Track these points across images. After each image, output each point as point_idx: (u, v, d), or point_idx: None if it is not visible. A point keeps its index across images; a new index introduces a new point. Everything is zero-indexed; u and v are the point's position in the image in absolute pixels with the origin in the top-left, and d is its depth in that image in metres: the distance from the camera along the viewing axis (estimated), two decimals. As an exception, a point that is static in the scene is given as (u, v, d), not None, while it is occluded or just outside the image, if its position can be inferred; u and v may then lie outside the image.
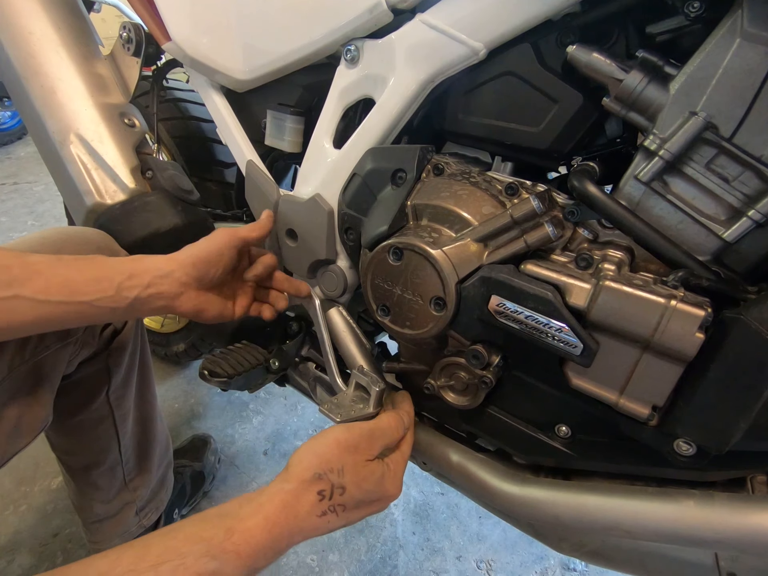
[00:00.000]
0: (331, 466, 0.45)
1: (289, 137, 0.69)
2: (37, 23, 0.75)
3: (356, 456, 0.47)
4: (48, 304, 0.48)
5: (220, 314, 0.59)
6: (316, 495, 0.43)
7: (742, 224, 0.41)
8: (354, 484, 0.46)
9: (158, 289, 0.53)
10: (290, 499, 0.43)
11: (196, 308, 0.56)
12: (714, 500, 0.42)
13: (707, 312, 0.39)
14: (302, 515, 0.43)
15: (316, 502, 0.43)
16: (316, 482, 0.44)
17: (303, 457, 0.46)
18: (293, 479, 0.44)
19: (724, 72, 0.39)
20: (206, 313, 0.58)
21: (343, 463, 0.46)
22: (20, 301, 0.47)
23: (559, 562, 1.05)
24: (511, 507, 0.54)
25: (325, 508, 0.44)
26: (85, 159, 0.75)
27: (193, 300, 0.55)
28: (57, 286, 0.49)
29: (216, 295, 0.59)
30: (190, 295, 0.55)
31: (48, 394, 0.63)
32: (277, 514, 0.42)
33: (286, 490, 0.43)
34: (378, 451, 0.50)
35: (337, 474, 0.45)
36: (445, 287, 0.49)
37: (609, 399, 0.45)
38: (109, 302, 0.51)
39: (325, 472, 0.44)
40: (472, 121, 0.55)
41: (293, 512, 0.42)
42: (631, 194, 0.45)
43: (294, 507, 0.42)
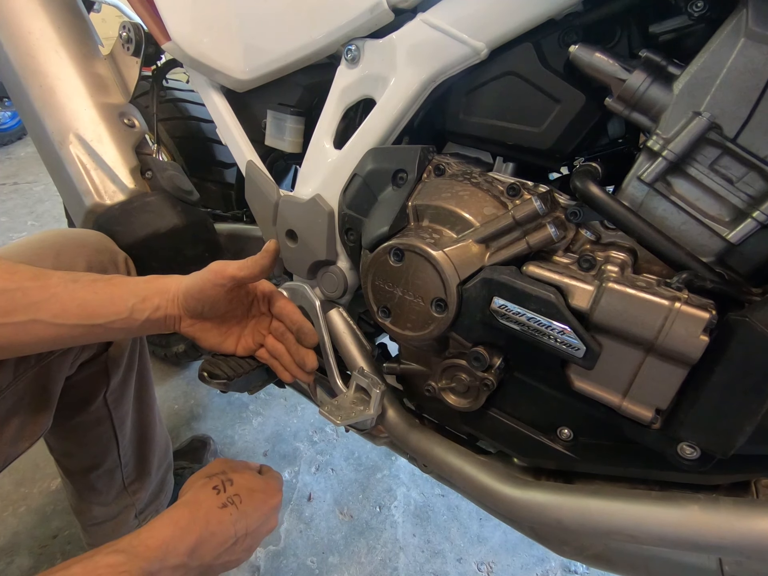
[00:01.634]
0: (215, 471, 0.53)
1: (290, 137, 0.69)
2: (37, 23, 0.75)
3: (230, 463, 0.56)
4: (63, 327, 0.50)
5: (216, 346, 0.60)
6: (212, 489, 0.50)
7: (747, 225, 0.40)
8: (237, 476, 0.53)
9: (165, 312, 0.54)
10: (190, 499, 0.49)
11: (190, 335, 0.57)
12: (719, 505, 0.41)
13: (712, 314, 0.38)
14: (204, 506, 0.48)
15: (214, 495, 0.50)
16: (209, 482, 0.51)
17: (190, 479, 0.54)
18: (189, 489, 0.51)
19: (728, 72, 0.39)
20: (201, 342, 0.58)
21: (223, 467, 0.54)
22: (37, 324, 0.49)
23: (560, 564, 1.05)
24: (513, 510, 0.54)
25: (224, 499, 0.50)
26: (84, 159, 0.75)
27: (188, 326, 0.57)
28: (73, 309, 0.50)
29: (215, 326, 0.58)
30: (186, 321, 0.56)
31: (52, 398, 0.63)
32: (180, 510, 0.47)
33: (186, 499, 0.50)
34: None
35: (222, 473, 0.53)
36: (446, 289, 0.49)
37: (612, 402, 0.45)
38: (121, 324, 0.52)
39: (212, 474, 0.52)
40: (474, 121, 0.55)
41: (195, 505, 0.48)
42: (634, 195, 0.45)
43: (195, 504, 0.48)
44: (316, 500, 1.13)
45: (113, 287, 0.53)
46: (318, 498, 1.14)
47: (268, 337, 0.62)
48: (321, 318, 0.67)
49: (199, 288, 0.54)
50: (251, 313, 0.61)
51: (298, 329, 0.59)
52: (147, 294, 0.53)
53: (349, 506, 1.13)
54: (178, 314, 0.55)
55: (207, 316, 0.57)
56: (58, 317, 0.49)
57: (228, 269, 0.54)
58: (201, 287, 0.54)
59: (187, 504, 0.48)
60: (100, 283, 0.53)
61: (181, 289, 0.54)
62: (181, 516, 0.46)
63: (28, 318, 0.48)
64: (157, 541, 0.44)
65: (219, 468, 0.53)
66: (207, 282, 0.54)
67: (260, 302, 0.61)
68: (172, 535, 0.45)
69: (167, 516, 0.46)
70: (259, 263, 0.55)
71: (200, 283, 0.54)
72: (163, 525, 0.45)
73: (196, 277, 0.55)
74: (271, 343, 0.62)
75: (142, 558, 0.42)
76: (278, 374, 0.63)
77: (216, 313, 0.57)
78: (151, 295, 0.54)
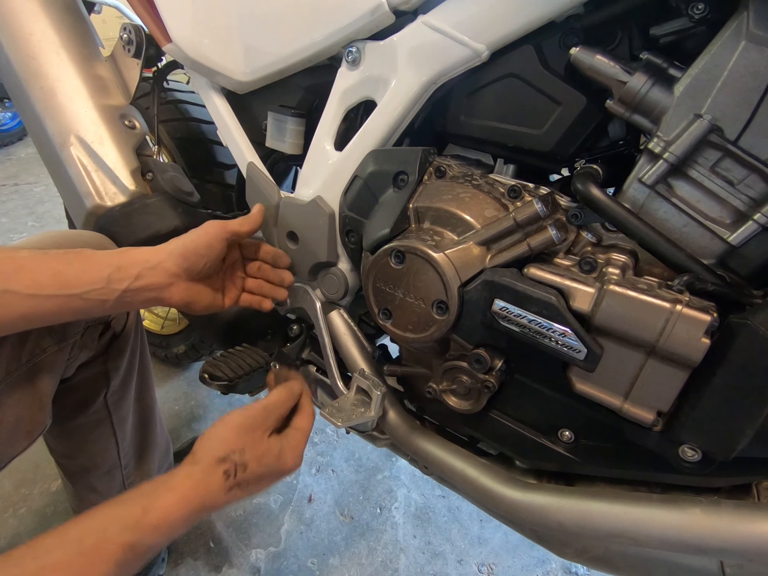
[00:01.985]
0: (233, 448, 0.49)
1: (290, 139, 0.69)
2: (38, 24, 0.75)
3: (254, 434, 0.51)
4: (37, 298, 0.49)
5: (210, 305, 0.60)
6: (222, 475, 0.48)
7: (748, 228, 0.40)
8: (255, 461, 0.50)
9: (148, 281, 0.53)
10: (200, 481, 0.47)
11: (185, 299, 0.57)
12: (720, 508, 0.41)
13: (713, 317, 0.38)
14: (212, 494, 0.47)
15: (223, 481, 0.48)
16: (221, 464, 0.48)
17: (206, 444, 0.50)
18: (201, 462, 0.48)
19: (729, 74, 0.39)
20: (196, 305, 0.58)
21: (244, 444, 0.50)
22: (9, 295, 0.47)
23: (560, 566, 1.04)
24: (514, 512, 0.53)
25: (232, 485, 0.48)
26: (85, 161, 0.75)
27: (182, 291, 0.56)
28: (46, 279, 0.49)
29: (205, 286, 0.59)
30: (180, 286, 0.56)
31: (46, 397, 0.62)
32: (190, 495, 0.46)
33: (195, 472, 0.47)
34: (273, 425, 0.54)
35: (239, 454, 0.49)
36: (447, 291, 0.49)
37: (613, 404, 0.45)
38: (98, 294, 0.51)
39: (229, 454, 0.49)
40: (474, 123, 0.55)
41: (204, 491, 0.47)
42: (635, 197, 0.45)
43: (204, 486, 0.47)
44: (316, 501, 1.13)
45: (85, 258, 0.53)
46: (318, 499, 1.14)
47: (246, 279, 0.65)
48: (322, 319, 0.67)
49: (207, 243, 0.56)
50: (226, 264, 0.63)
51: (273, 256, 0.65)
52: (122, 263, 0.53)
53: (350, 507, 1.13)
54: (167, 282, 0.54)
55: (203, 274, 0.58)
56: (30, 287, 0.48)
57: (230, 225, 0.59)
58: (209, 242, 0.56)
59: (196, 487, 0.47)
60: (71, 255, 0.52)
61: (177, 251, 0.55)
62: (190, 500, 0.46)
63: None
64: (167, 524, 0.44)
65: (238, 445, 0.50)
66: (215, 237, 0.57)
67: (232, 251, 0.64)
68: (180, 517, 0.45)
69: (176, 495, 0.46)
70: (257, 220, 0.61)
71: (208, 238, 0.56)
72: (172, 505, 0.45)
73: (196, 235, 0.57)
74: (249, 282, 0.65)
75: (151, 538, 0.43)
76: (261, 306, 0.65)
77: (212, 269, 0.59)
78: (127, 264, 0.53)
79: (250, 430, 0.51)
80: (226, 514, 1.08)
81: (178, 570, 0.99)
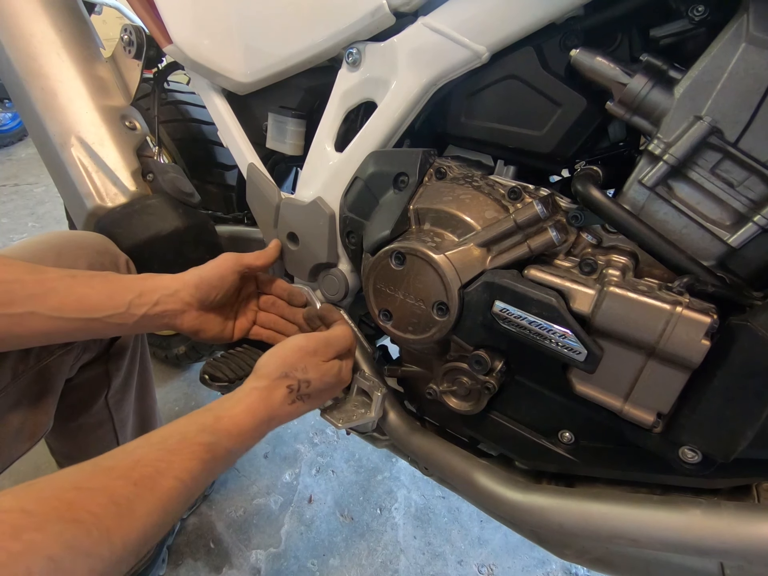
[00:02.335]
0: (296, 366, 0.52)
1: (291, 140, 0.69)
2: (38, 25, 0.75)
3: (315, 358, 0.54)
4: (60, 320, 0.51)
5: (219, 335, 0.62)
6: (286, 389, 0.50)
7: (748, 229, 0.41)
8: (317, 379, 0.53)
9: (164, 308, 0.56)
10: (265, 394, 0.49)
11: (195, 327, 0.59)
12: (721, 509, 0.41)
13: (713, 318, 0.38)
14: (276, 405, 0.49)
15: (287, 394, 0.50)
16: (284, 379, 0.51)
17: (269, 361, 0.52)
18: (264, 378, 0.50)
19: (729, 76, 0.39)
20: (204, 333, 0.61)
21: (306, 363, 0.52)
22: (35, 317, 0.49)
23: (561, 567, 1.04)
24: (514, 514, 0.53)
25: (294, 397, 0.51)
26: (85, 162, 0.75)
27: (193, 319, 0.59)
28: (72, 303, 0.51)
29: (216, 315, 0.62)
30: (191, 314, 0.58)
31: (51, 400, 0.63)
32: (256, 405, 0.48)
33: (260, 387, 0.49)
34: (332, 356, 0.56)
35: (302, 371, 0.52)
36: (447, 292, 0.49)
37: (613, 405, 0.45)
38: (118, 319, 0.54)
39: (291, 371, 0.51)
40: (475, 124, 0.55)
41: (269, 403, 0.49)
42: (635, 199, 0.45)
43: (269, 399, 0.49)
44: (316, 502, 1.13)
45: (110, 283, 0.55)
46: (319, 500, 1.14)
47: (259, 312, 0.68)
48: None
49: (220, 275, 0.59)
50: (240, 296, 0.66)
51: (289, 293, 0.67)
52: (144, 290, 0.55)
53: (350, 508, 1.13)
54: (180, 309, 0.57)
55: (215, 304, 0.60)
56: (55, 310, 0.50)
57: (245, 259, 0.62)
58: (221, 274, 0.59)
59: (262, 399, 0.49)
60: (97, 279, 0.55)
61: (192, 281, 0.58)
62: (257, 410, 0.48)
63: (25, 310, 0.49)
64: (238, 430, 0.46)
65: (301, 364, 0.52)
66: (227, 270, 0.60)
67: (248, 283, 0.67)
68: (249, 428, 0.47)
69: (244, 405, 0.48)
70: (272, 255, 0.66)
71: (220, 271, 0.59)
72: (242, 414, 0.47)
73: (210, 267, 0.60)
74: (262, 316, 0.68)
75: (225, 441, 0.45)
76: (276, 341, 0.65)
77: (224, 300, 0.61)
78: (148, 291, 0.55)
79: (312, 354, 0.53)
80: (226, 515, 1.08)
81: (179, 570, 0.99)
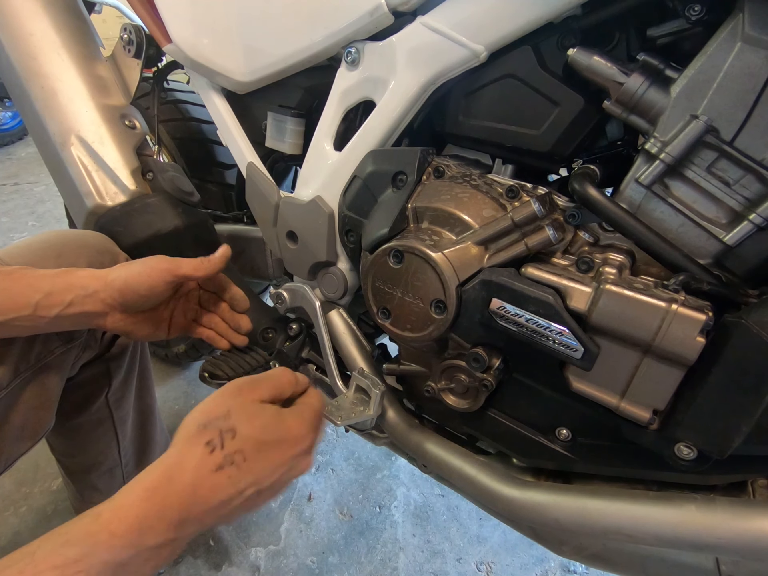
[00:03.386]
0: (216, 413, 0.39)
1: (290, 139, 0.69)
2: (38, 24, 0.75)
3: (241, 398, 0.41)
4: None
5: (150, 335, 0.58)
6: (204, 447, 0.37)
7: (743, 228, 0.41)
8: (244, 423, 0.39)
9: (80, 309, 0.51)
10: (173, 461, 0.37)
11: (122, 329, 0.55)
12: (715, 505, 0.42)
13: (708, 316, 0.39)
14: (190, 472, 0.36)
15: (206, 454, 0.37)
16: (201, 433, 0.38)
17: (186, 419, 0.40)
18: (177, 442, 0.39)
19: (725, 75, 0.39)
20: (133, 334, 0.56)
21: (228, 407, 0.40)
22: None
23: (559, 564, 1.05)
24: (512, 510, 0.54)
25: (220, 460, 0.37)
26: (85, 161, 0.75)
27: (118, 321, 0.54)
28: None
29: (147, 317, 0.56)
30: (115, 316, 0.54)
31: (53, 398, 0.63)
32: (157, 480, 0.36)
33: (168, 454, 0.38)
34: (266, 395, 0.43)
35: (223, 418, 0.39)
36: (445, 290, 0.49)
37: (610, 402, 0.45)
38: (25, 321, 0.49)
39: (210, 421, 0.39)
40: (473, 123, 0.55)
41: (179, 471, 0.36)
42: (632, 197, 0.45)
43: (179, 466, 0.36)
44: (316, 500, 1.14)
45: (17, 282, 0.49)
46: (318, 498, 1.14)
47: (200, 310, 0.62)
48: (321, 319, 0.68)
49: (149, 285, 0.52)
50: (178, 293, 0.60)
51: (231, 297, 0.62)
52: (53, 289, 0.50)
53: (349, 506, 1.13)
54: (101, 311, 0.52)
55: (143, 309, 0.55)
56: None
57: (182, 269, 0.53)
58: (150, 285, 0.52)
59: (169, 467, 0.37)
60: (11, 276, 0.50)
61: (116, 285, 0.51)
62: (157, 487, 0.35)
63: None
64: (125, 524, 0.34)
65: (222, 409, 0.40)
66: (158, 279, 0.52)
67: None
68: (146, 514, 0.34)
69: (140, 484, 0.36)
70: (215, 265, 0.55)
71: (149, 280, 0.52)
72: (134, 499, 0.35)
73: (138, 273, 0.52)
74: (205, 316, 0.62)
75: (104, 548, 0.33)
76: (215, 343, 0.62)
77: (154, 304, 0.56)
78: (60, 290, 0.50)
79: (236, 393, 0.42)
80: (226, 513, 1.09)
81: (178, 568, 0.99)
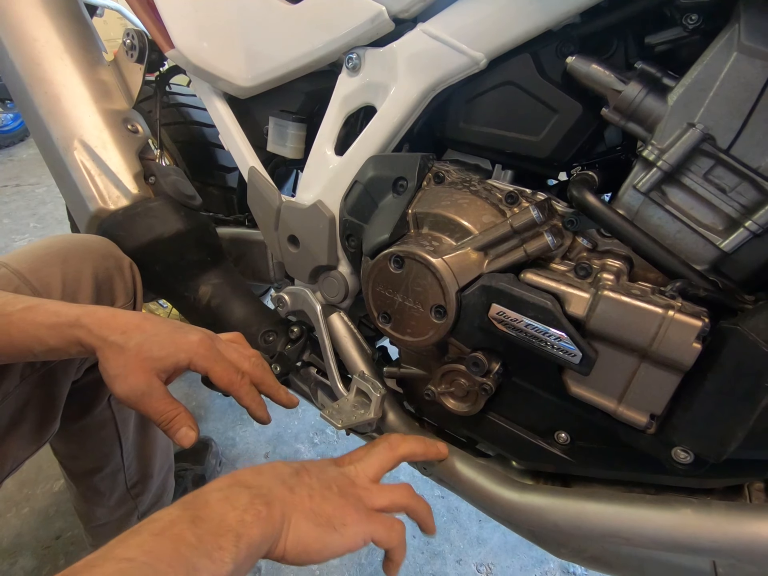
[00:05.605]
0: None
1: (291, 144, 0.70)
2: (42, 30, 0.75)
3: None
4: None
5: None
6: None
7: (740, 234, 0.41)
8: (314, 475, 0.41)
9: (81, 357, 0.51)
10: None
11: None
12: (711, 508, 0.42)
13: (704, 322, 0.39)
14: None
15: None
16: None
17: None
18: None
19: (721, 84, 0.40)
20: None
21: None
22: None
23: (558, 566, 1.05)
24: (511, 513, 0.54)
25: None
26: (88, 165, 0.75)
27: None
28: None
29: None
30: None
31: (58, 402, 0.63)
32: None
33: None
34: None
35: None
36: (445, 295, 0.49)
37: (607, 407, 0.46)
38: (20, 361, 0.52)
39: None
40: (473, 129, 0.55)
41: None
42: (630, 204, 0.46)
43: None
44: (316, 501, 1.14)
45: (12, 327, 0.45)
46: (319, 499, 1.14)
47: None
48: (322, 322, 0.68)
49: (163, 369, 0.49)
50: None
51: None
52: (56, 346, 0.46)
53: (350, 507, 1.13)
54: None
55: None
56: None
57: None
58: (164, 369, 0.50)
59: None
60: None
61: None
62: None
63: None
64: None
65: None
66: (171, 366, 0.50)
67: None
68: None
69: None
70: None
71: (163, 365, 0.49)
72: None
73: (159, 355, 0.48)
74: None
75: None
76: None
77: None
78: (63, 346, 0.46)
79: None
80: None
81: (180, 569, 0.99)
